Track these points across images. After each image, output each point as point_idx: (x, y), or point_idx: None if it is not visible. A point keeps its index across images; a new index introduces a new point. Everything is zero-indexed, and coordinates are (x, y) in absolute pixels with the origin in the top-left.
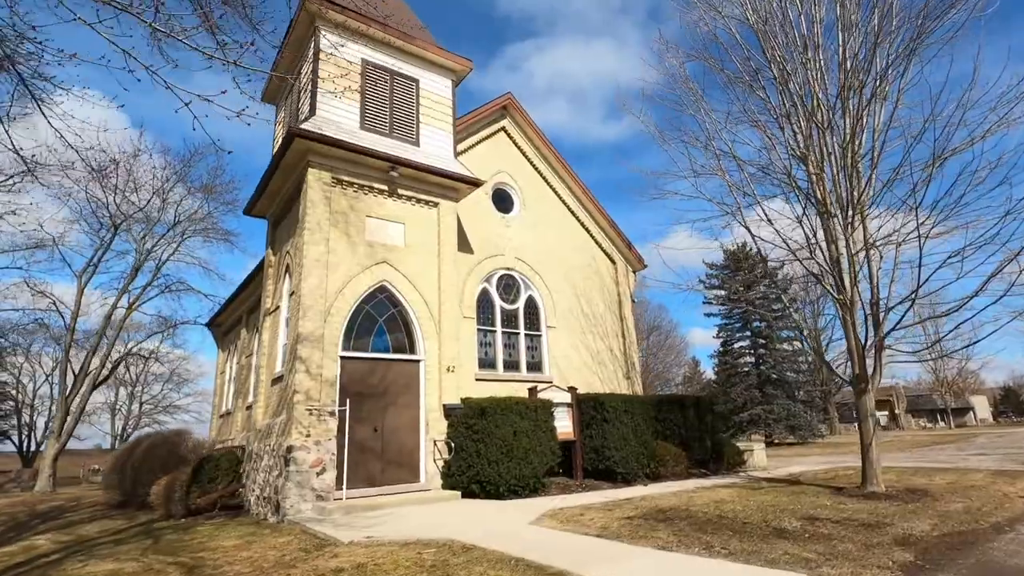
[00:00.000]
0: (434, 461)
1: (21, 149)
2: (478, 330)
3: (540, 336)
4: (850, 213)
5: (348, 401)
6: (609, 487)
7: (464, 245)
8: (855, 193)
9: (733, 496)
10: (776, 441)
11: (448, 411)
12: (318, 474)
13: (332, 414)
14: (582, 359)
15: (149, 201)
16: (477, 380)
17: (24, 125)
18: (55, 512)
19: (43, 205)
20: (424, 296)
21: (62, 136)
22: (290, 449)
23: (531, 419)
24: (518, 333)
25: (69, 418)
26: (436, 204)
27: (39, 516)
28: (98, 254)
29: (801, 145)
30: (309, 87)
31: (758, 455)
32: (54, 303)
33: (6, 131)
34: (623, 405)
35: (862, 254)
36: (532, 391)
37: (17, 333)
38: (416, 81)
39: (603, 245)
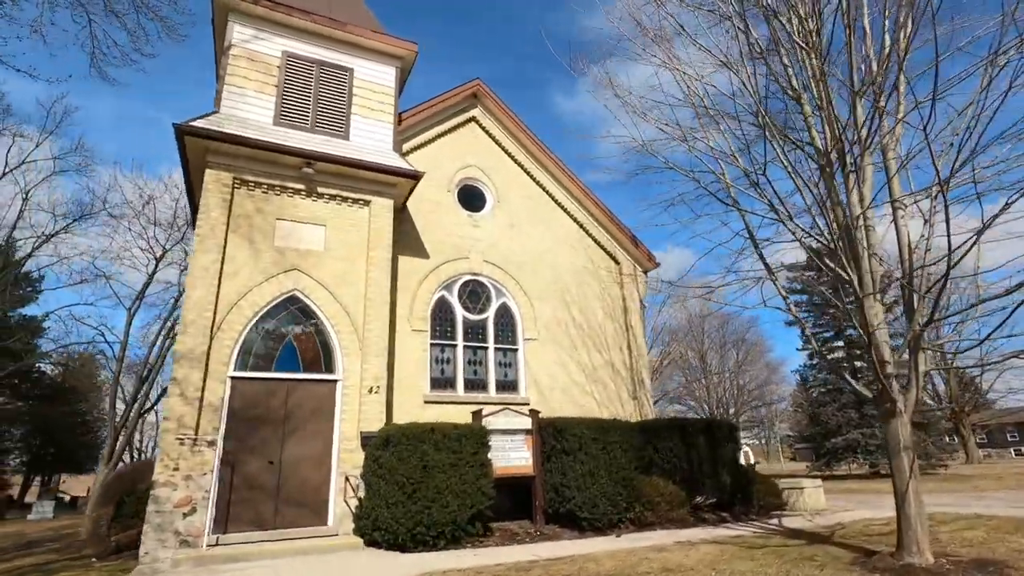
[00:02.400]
0: (345, 500)
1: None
2: (432, 345)
3: (516, 350)
4: (859, 155)
5: (237, 429)
6: (571, 537)
7: (416, 248)
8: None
9: (708, 559)
10: (883, 472)
11: (364, 440)
12: (185, 515)
13: (211, 444)
14: (572, 377)
15: (184, 232)
16: (427, 403)
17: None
18: (33, 543)
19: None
20: (346, 307)
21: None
22: (152, 485)
23: (450, 450)
24: (486, 347)
25: (118, 444)
26: (367, 203)
27: (14, 547)
28: (144, 287)
29: (794, 81)
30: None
31: (811, 495)
32: (102, 334)
33: None
34: (590, 432)
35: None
36: (476, 415)
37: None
38: (349, 71)
39: (603, 243)
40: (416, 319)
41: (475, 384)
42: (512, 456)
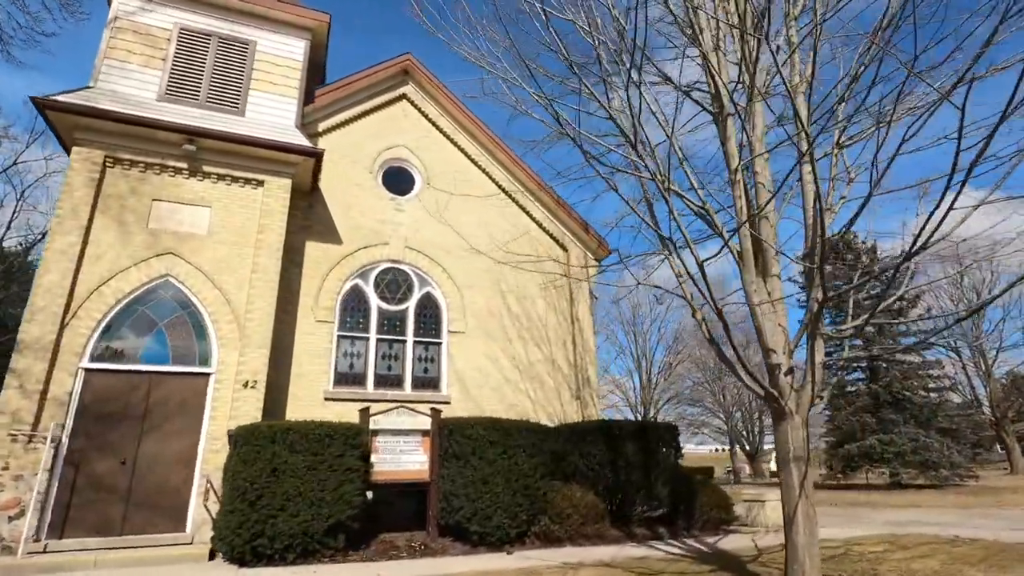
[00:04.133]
0: (205, 505)
1: None
2: (340, 337)
3: (439, 344)
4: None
5: (88, 425)
6: (457, 552)
7: (328, 233)
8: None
9: None
10: (903, 482)
11: (232, 439)
12: (11, 519)
13: (52, 441)
14: (504, 374)
15: None
16: (328, 400)
17: None
18: None
19: None
20: (228, 295)
21: None
22: None
23: (309, 452)
24: (403, 341)
25: None
26: (260, 183)
27: None
28: None
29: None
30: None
31: (775, 508)
32: None
33: None
34: (487, 434)
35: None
36: (363, 413)
37: None
38: (251, 43)
39: (548, 228)
40: (322, 309)
41: (389, 380)
42: (404, 460)
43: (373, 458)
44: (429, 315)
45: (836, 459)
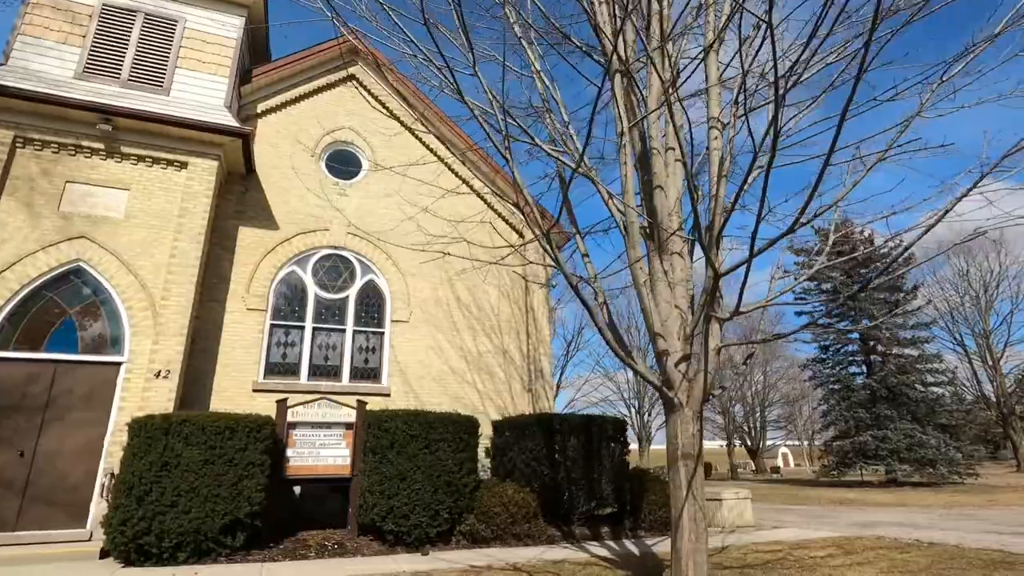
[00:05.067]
0: (106, 500)
1: None
2: (273, 326)
3: (381, 333)
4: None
5: None
6: (372, 552)
7: (264, 218)
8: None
9: None
10: (899, 479)
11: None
12: None
13: None
14: (449, 364)
15: None
16: (257, 391)
17: None
18: None
19: None
20: (144, 281)
21: None
22: None
23: (206, 446)
24: (342, 330)
25: None
26: (183, 165)
27: None
28: None
29: None
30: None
31: (733, 508)
32: None
33: None
34: (408, 427)
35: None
36: (280, 404)
37: None
38: (179, 20)
39: (504, 214)
40: (253, 297)
41: (325, 371)
42: (324, 454)
43: (289, 452)
44: (371, 304)
45: (830, 455)
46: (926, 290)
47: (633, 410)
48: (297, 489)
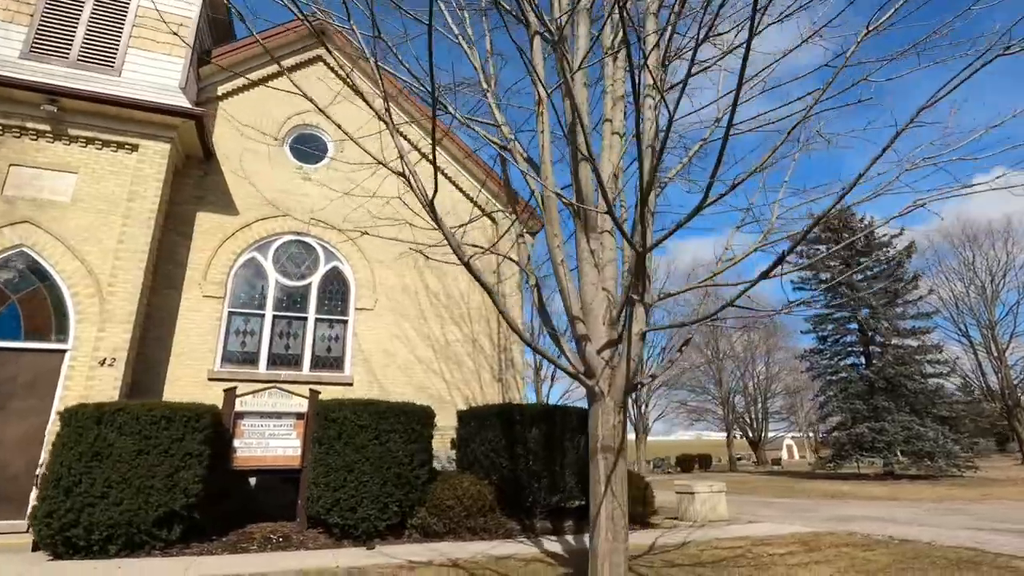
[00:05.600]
0: None
1: None
2: (231, 314)
3: (345, 322)
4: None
5: None
6: (319, 546)
7: (223, 203)
8: None
9: None
10: (896, 472)
11: None
12: None
13: None
14: (415, 353)
15: None
16: (213, 380)
17: None
18: None
19: None
20: (92, 266)
21: None
22: None
23: (141, 436)
24: (304, 318)
25: None
26: (134, 147)
27: None
28: None
29: None
30: None
31: (705, 502)
32: None
33: None
34: (356, 417)
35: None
36: (228, 393)
37: None
38: None
39: (476, 199)
40: (211, 284)
41: (286, 360)
42: (274, 444)
43: (237, 442)
44: (335, 291)
45: (827, 447)
46: (930, 280)
47: (630, 400)
48: (252, 480)
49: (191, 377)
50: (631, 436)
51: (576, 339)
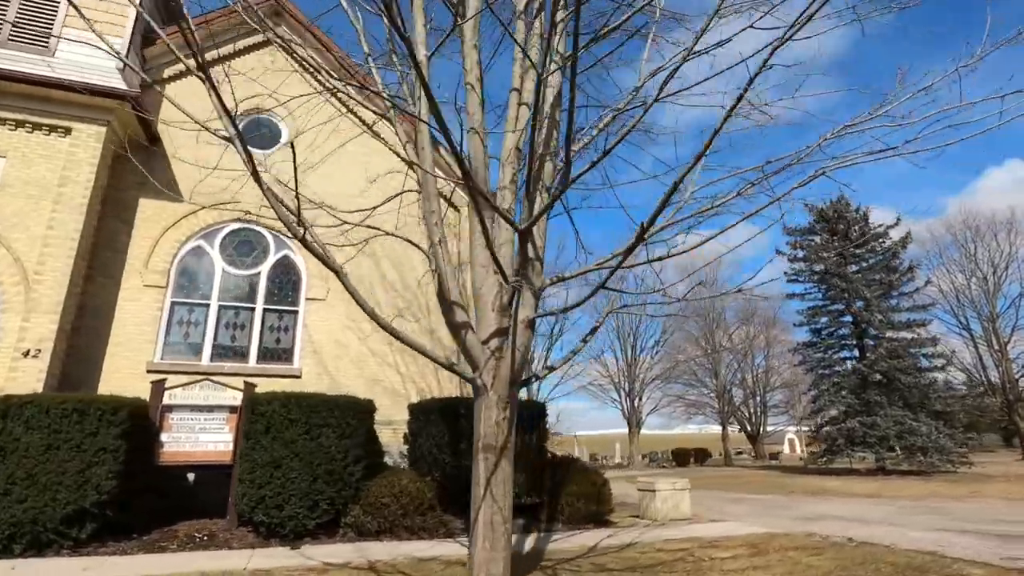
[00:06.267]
0: None
1: None
2: (174, 304)
3: (295, 312)
4: None
5: None
6: (243, 546)
7: (166, 190)
8: None
9: None
10: (888, 468)
11: None
12: None
13: None
14: (369, 345)
15: None
16: (152, 372)
17: None
18: None
19: None
20: (18, 254)
21: None
22: None
23: (51, 430)
24: (252, 308)
25: None
26: (67, 131)
27: None
28: None
29: None
30: None
31: (667, 499)
32: None
33: None
34: (285, 411)
35: None
36: (156, 385)
37: None
38: None
39: (440, 187)
40: (152, 273)
41: (232, 352)
42: (204, 439)
43: (164, 437)
44: (285, 281)
45: (819, 442)
46: (930, 271)
47: (623, 393)
48: (191, 476)
49: (130, 369)
50: (623, 430)
51: (453, 327)
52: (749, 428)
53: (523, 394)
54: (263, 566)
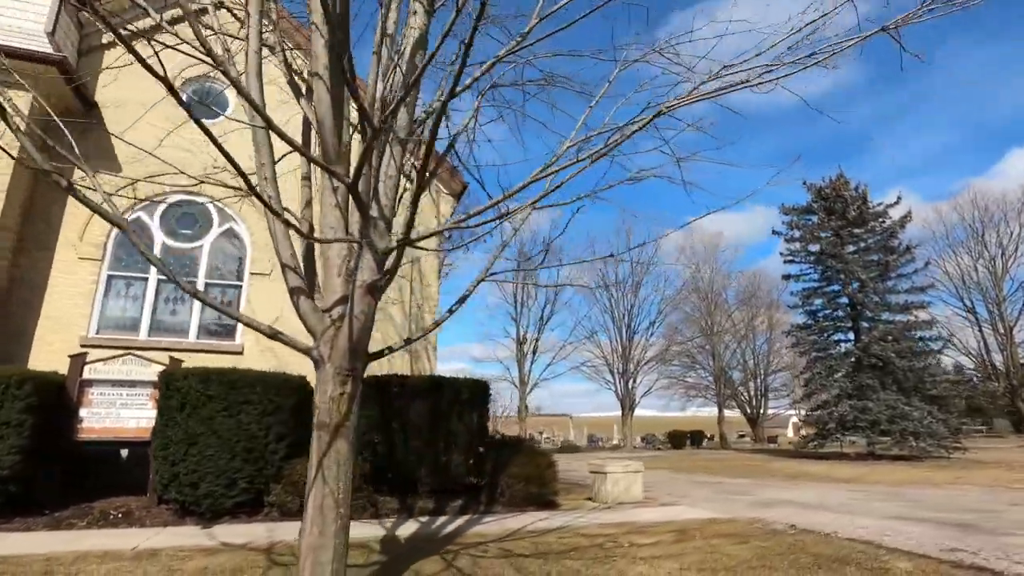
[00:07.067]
0: None
1: None
2: (111, 277)
3: (239, 287)
4: None
5: None
6: (156, 524)
7: (105, 159)
8: None
9: None
10: (877, 453)
11: None
12: None
13: None
14: None
15: None
16: (87, 347)
17: None
18: None
19: None
20: None
21: None
22: None
23: None
24: (193, 282)
25: None
26: None
27: None
28: None
29: None
30: None
31: (618, 481)
32: None
33: None
34: (203, 386)
35: None
36: (75, 359)
37: None
38: None
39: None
40: (87, 246)
41: (171, 327)
42: (125, 415)
43: (83, 412)
44: (229, 255)
45: (810, 426)
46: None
47: (617, 374)
48: (124, 453)
49: (63, 343)
50: (616, 412)
51: (290, 292)
52: (748, 411)
53: (504, 371)
54: (156, 545)
